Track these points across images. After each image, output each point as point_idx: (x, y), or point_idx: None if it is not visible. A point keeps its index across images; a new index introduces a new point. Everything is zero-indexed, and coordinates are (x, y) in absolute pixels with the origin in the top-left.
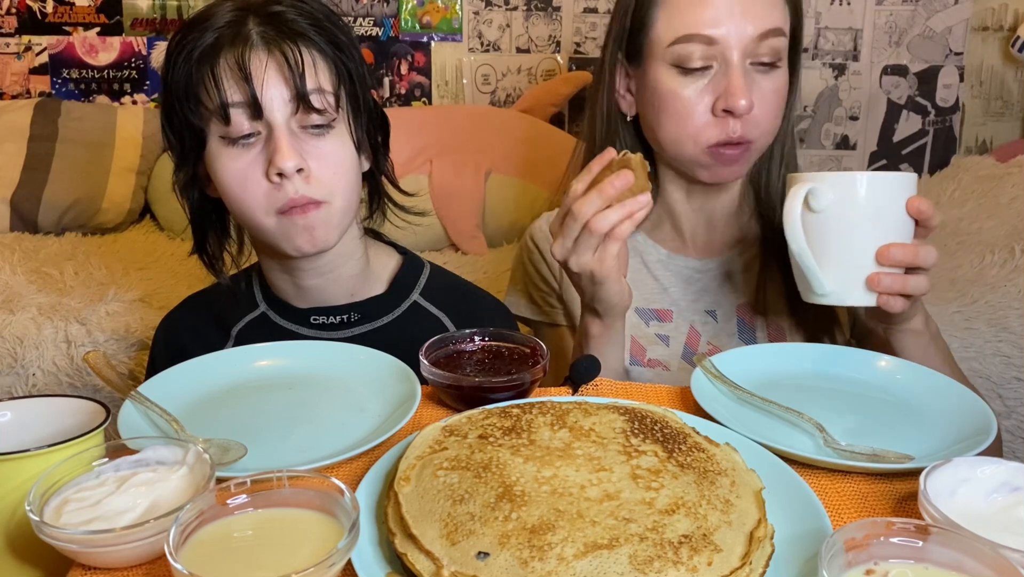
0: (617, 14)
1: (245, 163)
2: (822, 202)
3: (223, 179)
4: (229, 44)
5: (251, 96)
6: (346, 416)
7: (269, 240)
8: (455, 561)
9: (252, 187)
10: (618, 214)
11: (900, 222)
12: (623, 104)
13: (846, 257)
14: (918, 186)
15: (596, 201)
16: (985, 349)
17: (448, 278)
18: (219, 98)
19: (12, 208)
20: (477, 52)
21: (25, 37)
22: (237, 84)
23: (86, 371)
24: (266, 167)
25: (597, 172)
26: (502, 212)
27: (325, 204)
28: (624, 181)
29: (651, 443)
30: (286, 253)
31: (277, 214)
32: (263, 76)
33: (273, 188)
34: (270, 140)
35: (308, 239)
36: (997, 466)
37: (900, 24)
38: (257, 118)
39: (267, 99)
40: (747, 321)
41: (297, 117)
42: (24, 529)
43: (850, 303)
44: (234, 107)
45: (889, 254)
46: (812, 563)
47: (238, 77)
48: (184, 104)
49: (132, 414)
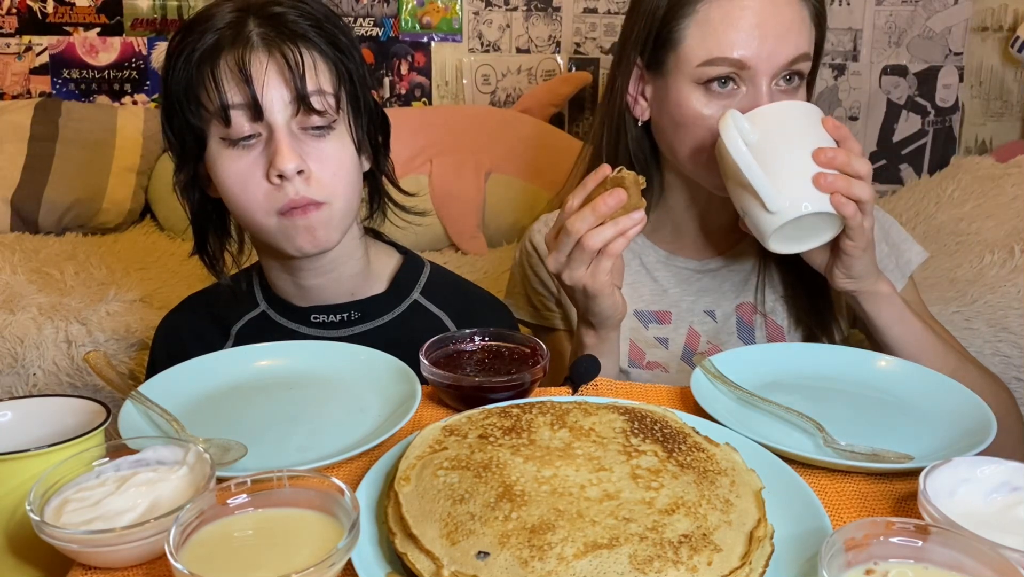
0: (640, 18)
1: (246, 164)
2: (754, 134)
3: (224, 180)
4: (229, 45)
5: (251, 98)
6: (346, 416)
7: (270, 240)
8: (455, 561)
9: (253, 188)
10: (611, 231)
11: (824, 138)
12: (636, 108)
13: (788, 168)
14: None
15: (589, 218)
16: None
17: (448, 277)
18: (219, 100)
19: (13, 208)
20: (477, 52)
21: (25, 37)
22: (237, 86)
23: (86, 371)
24: (267, 168)
25: (592, 188)
26: (502, 212)
27: (326, 205)
28: (617, 199)
29: (651, 443)
30: (287, 253)
31: (278, 215)
32: (263, 78)
33: (274, 189)
34: (271, 142)
35: (309, 239)
36: (997, 466)
37: (900, 24)
38: (258, 120)
39: (267, 101)
40: (746, 320)
41: (298, 119)
42: (24, 529)
43: (805, 211)
44: (234, 109)
45: (825, 154)
46: (812, 563)
47: (238, 79)
48: (184, 105)
49: (132, 414)
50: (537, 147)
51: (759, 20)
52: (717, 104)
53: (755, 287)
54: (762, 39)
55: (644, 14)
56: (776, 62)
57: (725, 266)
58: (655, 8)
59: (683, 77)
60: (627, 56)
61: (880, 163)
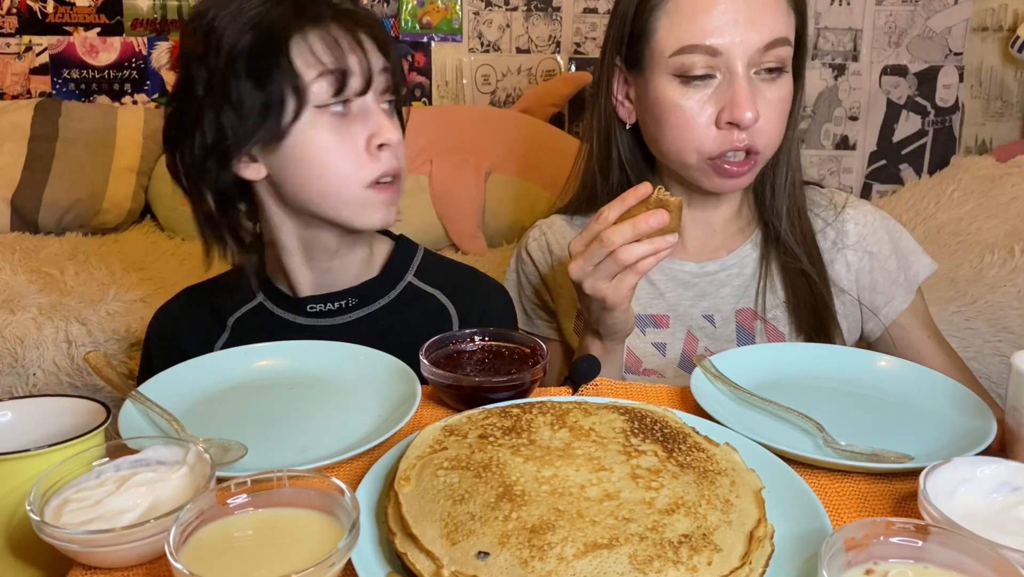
0: (615, 20)
1: (344, 134)
2: None
3: (315, 148)
4: (315, 15)
5: (366, 67)
6: (346, 416)
7: (338, 213)
8: (455, 561)
9: (351, 156)
10: (646, 248)
11: None
12: (621, 111)
13: None
14: None
15: (628, 233)
16: (985, 349)
17: (441, 259)
18: (334, 64)
19: (13, 208)
20: (477, 52)
21: (26, 37)
22: (352, 52)
23: (86, 371)
24: (367, 139)
25: (631, 204)
26: (502, 212)
27: (400, 180)
28: (659, 220)
29: (651, 443)
30: (348, 226)
31: (366, 186)
32: (365, 49)
33: (369, 159)
34: (369, 114)
35: (384, 214)
36: (997, 466)
37: (900, 24)
38: (364, 92)
39: (374, 72)
40: (746, 326)
41: (385, 94)
42: (24, 529)
43: None
44: (351, 75)
45: None
46: (812, 563)
47: (352, 45)
48: (265, 71)
49: (132, 414)
50: (537, 147)
51: (730, 5)
52: (695, 95)
53: (756, 292)
54: (733, 24)
55: (620, 13)
56: (750, 47)
57: (724, 270)
58: (628, 4)
59: (659, 70)
60: (609, 58)
61: (880, 163)
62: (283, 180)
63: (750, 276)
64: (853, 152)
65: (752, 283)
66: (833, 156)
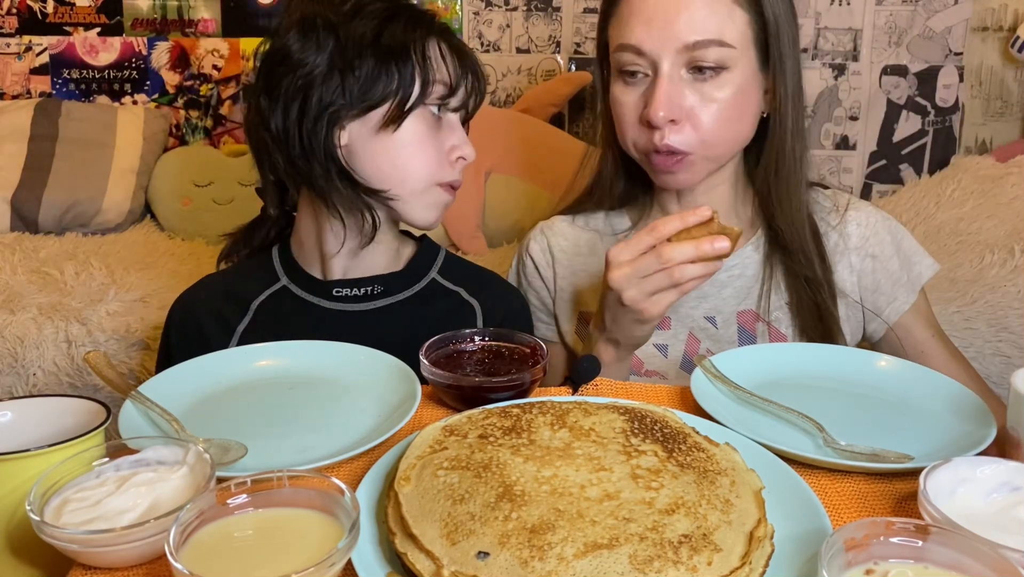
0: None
1: (436, 135)
2: None
3: (413, 135)
4: (445, 30)
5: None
6: (346, 416)
7: (402, 204)
8: (455, 561)
9: (435, 155)
10: (700, 270)
11: None
12: None
13: None
14: None
15: (690, 252)
16: (985, 349)
17: (463, 260)
18: (453, 75)
19: (13, 208)
20: (477, 52)
21: (26, 37)
22: (464, 72)
23: (86, 371)
24: (449, 148)
25: (692, 224)
26: (502, 212)
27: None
28: (723, 247)
29: (651, 443)
30: (403, 219)
31: (437, 184)
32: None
33: (448, 165)
34: (454, 128)
35: (436, 214)
36: (997, 466)
37: (900, 24)
38: (459, 109)
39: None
40: (748, 328)
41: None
42: (24, 529)
43: None
44: (459, 89)
45: None
46: (812, 563)
47: (465, 67)
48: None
49: (132, 414)
50: (537, 147)
51: (656, 7)
52: (631, 92)
53: (759, 294)
54: (650, 23)
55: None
56: (669, 47)
57: (726, 272)
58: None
59: (613, 69)
60: (596, 63)
61: (880, 163)
62: (363, 150)
63: (752, 278)
64: (853, 152)
65: (754, 285)
66: (833, 156)
